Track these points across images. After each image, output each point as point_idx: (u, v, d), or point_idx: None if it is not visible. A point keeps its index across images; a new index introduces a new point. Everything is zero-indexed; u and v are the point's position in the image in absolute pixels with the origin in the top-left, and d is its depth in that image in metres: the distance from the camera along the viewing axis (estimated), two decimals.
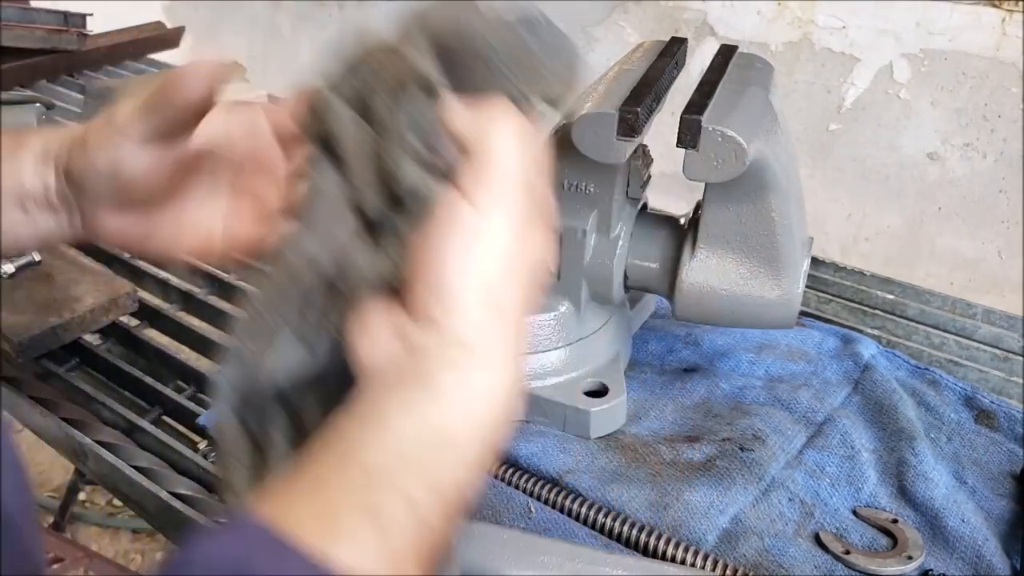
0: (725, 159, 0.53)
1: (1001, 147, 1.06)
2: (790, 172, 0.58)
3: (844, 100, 1.16)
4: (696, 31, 1.26)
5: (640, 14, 1.31)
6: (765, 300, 0.60)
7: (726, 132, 0.52)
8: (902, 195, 1.16)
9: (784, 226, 0.58)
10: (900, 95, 1.11)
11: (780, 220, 0.57)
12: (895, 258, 1.19)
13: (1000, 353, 0.72)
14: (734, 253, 0.60)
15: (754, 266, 0.59)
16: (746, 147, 0.52)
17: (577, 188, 0.61)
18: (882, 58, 1.11)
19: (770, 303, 0.60)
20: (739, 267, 0.60)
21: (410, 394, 0.33)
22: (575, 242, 0.62)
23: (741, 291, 0.60)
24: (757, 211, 0.57)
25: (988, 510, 0.57)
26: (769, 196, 0.56)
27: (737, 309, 0.60)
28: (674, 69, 0.60)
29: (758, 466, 0.58)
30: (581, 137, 0.56)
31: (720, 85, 0.57)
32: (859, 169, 1.18)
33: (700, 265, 0.60)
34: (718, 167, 0.54)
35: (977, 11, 1.02)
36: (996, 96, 1.04)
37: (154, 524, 0.62)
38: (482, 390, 0.34)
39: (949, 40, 1.05)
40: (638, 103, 0.54)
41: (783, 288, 0.59)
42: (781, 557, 0.52)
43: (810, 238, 0.62)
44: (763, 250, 0.59)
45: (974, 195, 1.10)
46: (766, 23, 1.19)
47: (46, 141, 0.49)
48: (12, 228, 0.51)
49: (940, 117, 1.09)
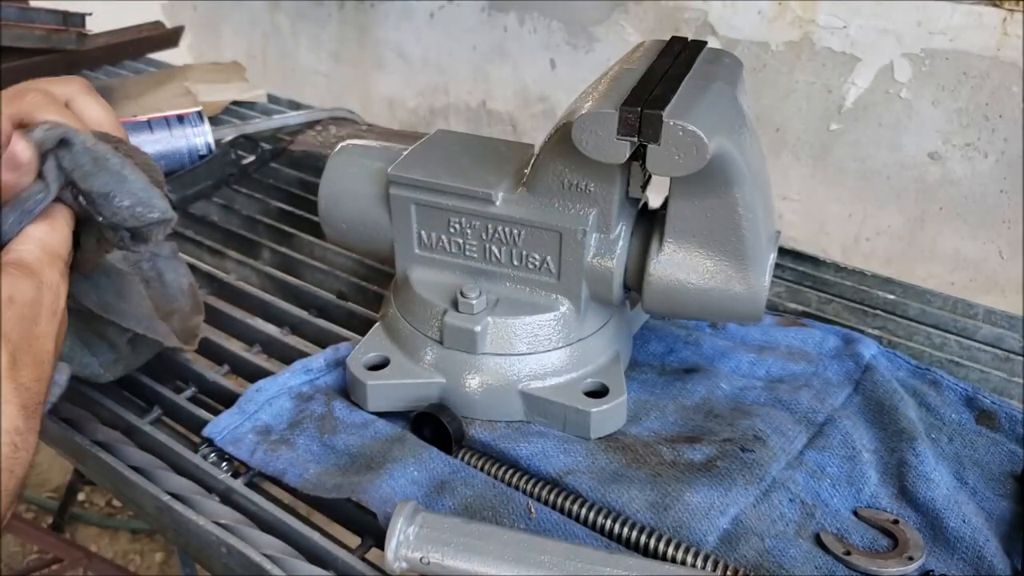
0: (686, 153, 0.53)
1: (1002, 147, 1.06)
2: (756, 167, 0.58)
3: (845, 100, 1.16)
4: (696, 31, 1.26)
5: (640, 14, 1.31)
6: (732, 294, 0.60)
7: (687, 127, 0.52)
8: (903, 195, 1.16)
9: (750, 220, 0.58)
10: (901, 95, 1.11)
11: (746, 215, 0.58)
12: (896, 258, 1.19)
13: (1001, 353, 0.72)
14: (700, 247, 0.60)
15: (720, 260, 0.60)
16: (707, 142, 0.52)
17: (577, 188, 0.61)
18: (883, 58, 1.10)
19: (737, 296, 0.60)
20: (705, 261, 0.60)
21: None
22: (575, 242, 0.61)
23: (708, 285, 0.60)
24: (722, 205, 0.58)
25: (989, 511, 0.57)
26: (734, 191, 0.57)
27: (704, 303, 0.61)
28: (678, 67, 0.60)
29: (759, 467, 0.58)
30: (581, 136, 0.56)
31: (685, 80, 0.57)
32: (860, 169, 1.18)
33: (667, 259, 0.61)
34: (680, 161, 0.54)
35: (978, 11, 1.02)
36: (997, 96, 1.04)
37: (153, 525, 0.61)
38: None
39: (950, 40, 1.05)
40: (639, 102, 0.54)
41: (749, 282, 0.60)
42: (782, 558, 0.52)
43: (777, 232, 0.63)
44: (729, 244, 0.59)
45: (975, 195, 1.10)
46: (766, 23, 1.19)
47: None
48: None
49: (941, 117, 1.09)
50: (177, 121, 1.01)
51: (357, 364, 0.65)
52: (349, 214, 0.69)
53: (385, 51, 1.67)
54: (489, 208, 0.63)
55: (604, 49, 1.37)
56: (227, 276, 0.83)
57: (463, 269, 0.67)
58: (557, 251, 0.63)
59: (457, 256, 0.66)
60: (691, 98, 0.56)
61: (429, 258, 0.67)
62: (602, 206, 0.61)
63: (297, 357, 0.70)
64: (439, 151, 0.68)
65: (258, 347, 0.75)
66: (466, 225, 0.65)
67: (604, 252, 0.62)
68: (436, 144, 0.70)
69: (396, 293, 0.70)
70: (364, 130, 1.13)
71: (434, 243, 0.67)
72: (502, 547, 0.49)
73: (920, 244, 1.17)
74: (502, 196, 0.63)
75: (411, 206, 0.66)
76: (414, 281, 0.67)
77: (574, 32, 1.39)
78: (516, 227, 0.63)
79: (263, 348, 0.75)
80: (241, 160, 1.05)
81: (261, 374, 0.69)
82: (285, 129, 1.14)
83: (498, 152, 0.68)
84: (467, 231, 0.65)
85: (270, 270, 0.85)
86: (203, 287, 0.83)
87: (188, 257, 0.86)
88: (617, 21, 1.34)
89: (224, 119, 1.17)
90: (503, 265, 0.65)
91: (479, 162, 0.66)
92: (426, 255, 0.67)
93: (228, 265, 0.87)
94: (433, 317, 0.64)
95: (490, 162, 0.66)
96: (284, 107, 1.24)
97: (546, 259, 0.63)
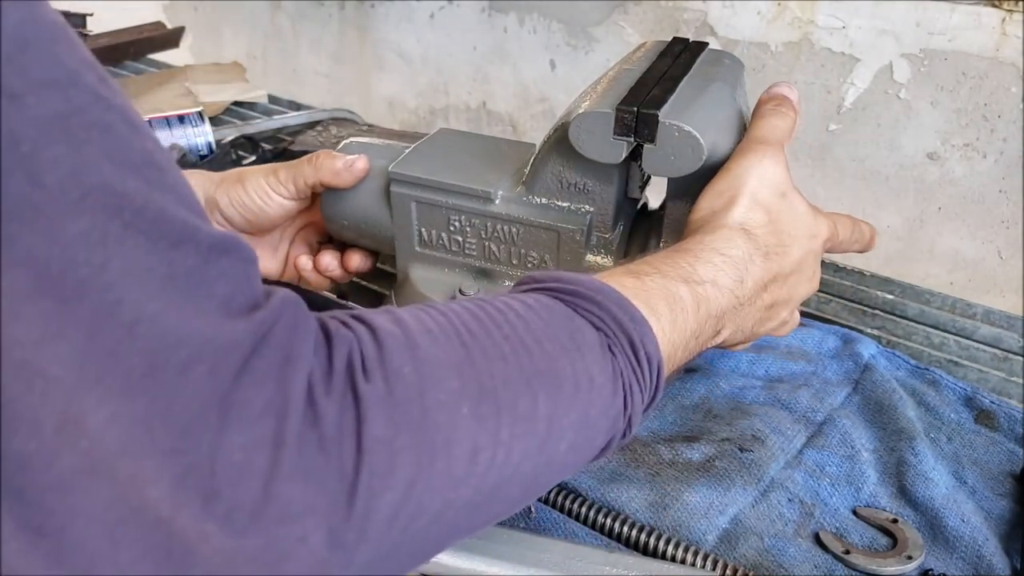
0: (681, 153, 0.54)
1: (1001, 147, 1.06)
2: None
3: (844, 100, 1.16)
4: (696, 32, 1.26)
5: (640, 14, 1.31)
6: None
7: (683, 127, 0.53)
8: (902, 195, 1.16)
9: None
10: (900, 95, 1.11)
11: None
12: (895, 258, 1.19)
13: (1000, 353, 0.72)
14: None
15: None
16: (702, 142, 0.53)
17: (575, 187, 0.61)
18: (882, 58, 1.11)
19: None
20: None
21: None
22: (573, 241, 0.62)
23: None
24: None
25: (988, 510, 0.57)
26: None
27: None
28: (679, 69, 0.60)
29: (757, 467, 0.58)
30: (578, 136, 0.56)
31: (684, 81, 0.58)
32: (859, 169, 1.18)
33: None
34: (675, 161, 0.54)
35: (977, 11, 1.02)
36: (996, 96, 1.04)
37: None
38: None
39: (949, 40, 1.05)
40: (635, 102, 0.54)
41: None
42: (781, 557, 0.52)
43: None
44: None
45: (974, 195, 1.10)
46: (766, 23, 1.19)
47: None
48: None
49: (940, 117, 1.09)
50: (178, 121, 1.01)
51: None
52: (351, 211, 0.69)
53: (385, 52, 1.67)
54: (488, 207, 0.63)
55: (604, 50, 1.37)
56: None
57: (463, 267, 0.67)
58: (555, 250, 0.63)
59: (457, 254, 0.67)
60: (688, 99, 0.56)
61: (429, 256, 0.68)
62: (600, 206, 0.61)
63: None
64: (440, 149, 0.69)
65: None
66: (465, 223, 0.65)
67: (602, 252, 0.62)
68: (438, 142, 0.70)
69: (397, 290, 0.70)
70: (364, 131, 1.14)
71: (434, 241, 0.67)
72: (502, 546, 0.49)
73: (919, 244, 1.17)
74: (501, 195, 0.63)
75: (411, 204, 0.66)
76: (414, 279, 0.68)
77: (574, 33, 1.39)
78: (515, 226, 0.63)
79: None
80: (242, 160, 1.05)
81: None
82: (286, 130, 1.14)
83: (499, 151, 0.68)
84: (467, 229, 0.65)
85: None
86: None
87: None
88: (617, 22, 1.34)
89: (225, 119, 1.17)
90: (502, 263, 0.65)
91: (480, 161, 0.66)
92: (426, 253, 0.68)
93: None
94: None
95: (491, 161, 0.66)
96: (285, 107, 1.25)
97: (544, 258, 0.63)
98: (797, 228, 0.53)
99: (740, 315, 0.51)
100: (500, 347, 0.37)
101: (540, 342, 0.38)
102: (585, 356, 0.39)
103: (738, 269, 0.49)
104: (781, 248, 0.52)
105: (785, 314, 0.56)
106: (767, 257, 0.51)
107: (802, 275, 0.55)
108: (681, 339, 0.45)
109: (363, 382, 0.32)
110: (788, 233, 0.53)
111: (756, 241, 0.51)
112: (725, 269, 0.49)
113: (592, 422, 0.39)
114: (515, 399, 0.36)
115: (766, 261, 0.51)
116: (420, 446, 0.32)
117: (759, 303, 0.52)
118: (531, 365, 0.37)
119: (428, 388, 0.33)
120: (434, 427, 0.33)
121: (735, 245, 0.50)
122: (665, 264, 0.47)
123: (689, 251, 0.49)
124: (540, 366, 0.37)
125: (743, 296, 0.50)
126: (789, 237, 0.53)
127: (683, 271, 0.47)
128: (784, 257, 0.52)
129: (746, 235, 0.51)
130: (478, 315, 0.38)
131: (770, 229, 0.52)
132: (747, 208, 0.51)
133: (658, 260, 0.48)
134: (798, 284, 0.55)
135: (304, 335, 0.32)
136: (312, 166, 0.66)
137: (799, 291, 0.55)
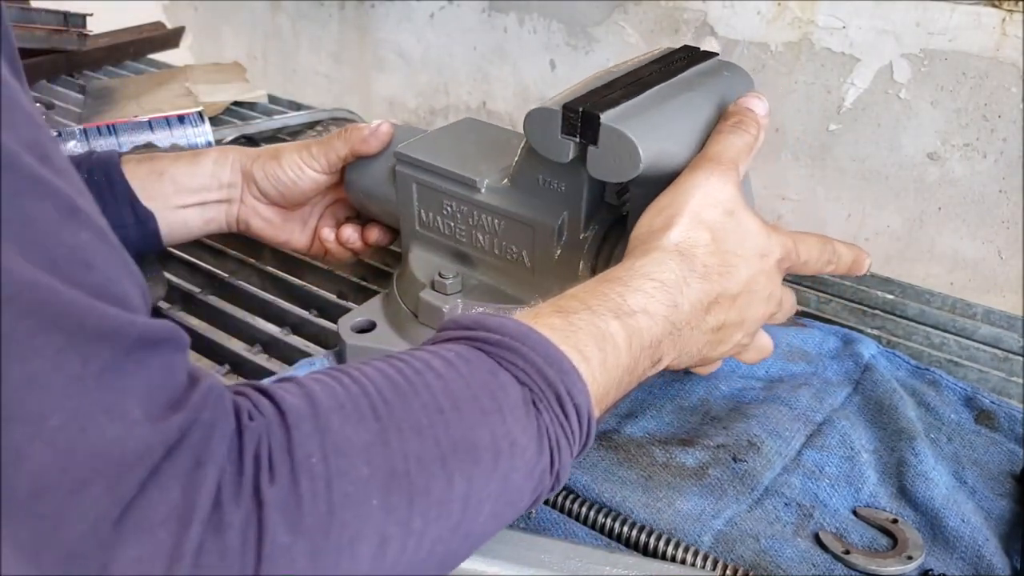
0: (620, 159, 0.53)
1: (1001, 147, 1.06)
2: None
3: (844, 100, 1.16)
4: (695, 32, 1.26)
5: (640, 14, 1.31)
6: None
7: (623, 132, 0.52)
8: (902, 195, 1.16)
9: None
10: (900, 95, 1.11)
11: None
12: (895, 258, 1.19)
13: (1000, 353, 0.72)
14: None
15: None
16: (639, 149, 0.52)
17: (550, 185, 0.62)
18: (882, 58, 1.10)
19: None
20: None
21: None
22: (546, 237, 0.62)
23: None
24: None
25: (988, 510, 0.57)
26: None
27: None
28: (662, 75, 0.59)
29: (750, 477, 0.58)
30: (531, 131, 0.56)
31: (657, 87, 0.57)
32: (859, 169, 1.18)
33: None
34: (614, 166, 0.53)
35: (977, 11, 1.02)
36: (996, 96, 1.04)
37: None
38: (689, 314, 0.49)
39: (949, 40, 1.05)
40: (584, 103, 0.54)
41: None
42: (779, 557, 0.52)
43: None
44: None
45: (974, 195, 1.10)
46: (766, 23, 1.19)
47: (220, 151, 0.73)
48: (188, 220, 0.72)
49: (940, 117, 1.09)
50: (178, 121, 1.01)
51: (346, 325, 0.67)
52: (367, 186, 0.72)
53: (385, 52, 1.67)
54: (475, 195, 0.65)
55: (604, 50, 1.37)
56: (228, 276, 0.84)
57: (452, 251, 0.69)
58: (531, 245, 0.63)
59: (448, 238, 0.68)
60: (645, 106, 0.55)
61: (427, 236, 0.70)
62: (571, 206, 0.61)
63: (298, 357, 0.70)
64: (452, 137, 0.71)
65: (259, 347, 0.75)
66: (456, 209, 0.67)
67: (572, 251, 0.62)
68: (454, 131, 0.73)
69: (399, 267, 0.73)
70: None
71: (431, 222, 0.69)
72: (501, 546, 0.49)
73: (919, 244, 1.17)
74: (487, 184, 0.65)
75: (413, 184, 0.68)
76: (411, 257, 0.70)
77: (574, 33, 1.39)
78: (497, 217, 0.64)
79: (264, 348, 0.75)
80: None
81: (262, 374, 0.69)
82: (286, 130, 1.14)
83: (508, 144, 0.68)
84: (457, 215, 0.67)
85: (271, 270, 0.85)
86: (204, 287, 0.83)
87: (189, 257, 0.86)
88: (617, 21, 1.34)
89: (225, 119, 1.17)
90: (485, 252, 0.67)
91: (481, 151, 0.68)
92: (424, 233, 0.70)
93: (229, 265, 0.87)
94: (415, 292, 0.66)
95: (491, 152, 0.67)
96: (285, 108, 1.25)
97: (522, 252, 0.64)
98: (744, 248, 0.52)
99: (680, 340, 0.49)
100: (416, 418, 0.35)
101: (458, 408, 0.37)
102: (507, 418, 0.38)
103: (670, 293, 0.48)
104: (725, 268, 0.51)
105: (740, 336, 0.54)
106: (705, 278, 0.50)
107: (754, 296, 0.53)
108: (614, 378, 0.44)
109: (267, 485, 0.31)
110: (734, 253, 0.51)
111: (692, 262, 0.49)
112: (656, 295, 0.47)
113: (515, 486, 0.38)
114: (428, 482, 0.35)
115: (704, 282, 0.50)
116: (323, 550, 0.31)
117: (703, 326, 0.51)
118: (447, 438, 0.36)
119: (335, 479, 0.32)
120: (340, 525, 0.32)
121: (667, 268, 0.48)
122: (595, 298, 0.46)
123: (619, 279, 0.48)
124: (456, 437, 0.36)
125: (679, 321, 0.48)
126: (735, 257, 0.51)
127: (613, 304, 0.46)
128: (728, 278, 0.51)
129: (680, 257, 0.49)
130: (395, 380, 0.37)
131: (712, 249, 0.50)
132: (687, 228, 0.50)
133: (588, 294, 0.47)
134: (749, 305, 0.53)
135: (221, 435, 0.31)
136: (342, 139, 0.70)
137: (752, 312, 0.53)
